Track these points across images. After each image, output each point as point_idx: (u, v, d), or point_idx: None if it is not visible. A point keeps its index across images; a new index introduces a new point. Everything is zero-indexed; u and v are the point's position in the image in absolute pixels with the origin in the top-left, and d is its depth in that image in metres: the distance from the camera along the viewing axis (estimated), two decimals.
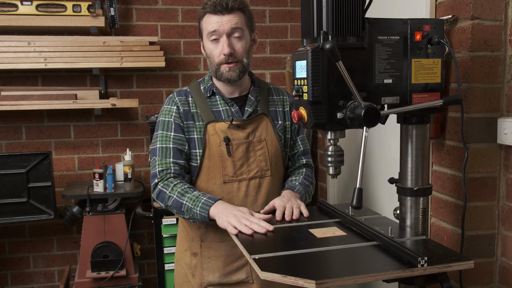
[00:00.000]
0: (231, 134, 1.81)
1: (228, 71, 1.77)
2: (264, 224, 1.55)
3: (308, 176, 1.95)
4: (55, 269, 3.43)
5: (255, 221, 1.56)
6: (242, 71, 1.80)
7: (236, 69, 1.77)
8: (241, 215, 1.59)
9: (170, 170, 1.78)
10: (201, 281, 1.86)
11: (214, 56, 1.78)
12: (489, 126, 1.70)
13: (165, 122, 1.83)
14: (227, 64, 1.76)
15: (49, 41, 3.01)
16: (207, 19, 1.77)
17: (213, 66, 1.80)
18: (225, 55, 1.74)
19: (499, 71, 1.70)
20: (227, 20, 1.74)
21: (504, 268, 1.72)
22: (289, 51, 3.60)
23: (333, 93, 1.37)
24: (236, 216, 1.59)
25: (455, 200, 1.76)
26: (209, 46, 1.79)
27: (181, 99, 1.84)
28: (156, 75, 3.44)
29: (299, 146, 1.97)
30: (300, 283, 1.17)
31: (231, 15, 1.74)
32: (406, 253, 1.28)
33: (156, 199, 1.80)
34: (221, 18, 1.74)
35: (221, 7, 1.73)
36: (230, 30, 1.74)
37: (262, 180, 1.83)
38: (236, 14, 1.75)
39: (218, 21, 1.74)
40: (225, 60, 1.76)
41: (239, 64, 1.78)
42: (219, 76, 1.80)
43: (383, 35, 1.42)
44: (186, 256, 1.91)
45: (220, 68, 1.78)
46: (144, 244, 3.50)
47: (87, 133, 3.38)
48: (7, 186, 2.84)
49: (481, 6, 1.66)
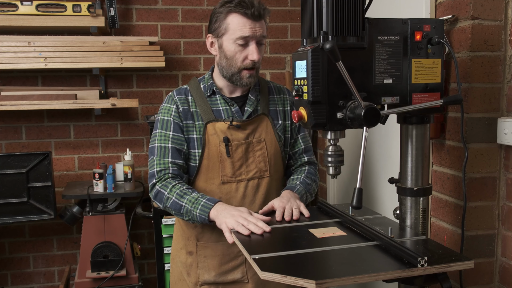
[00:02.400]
0: (231, 134, 1.80)
1: (248, 77, 1.76)
2: (261, 225, 1.55)
3: (311, 174, 1.94)
4: (55, 269, 3.43)
5: (253, 220, 1.56)
6: (257, 77, 1.83)
7: (255, 75, 1.79)
8: (239, 215, 1.59)
9: (168, 170, 1.78)
10: (196, 279, 1.86)
11: (237, 59, 1.74)
12: (489, 126, 1.70)
13: (164, 121, 1.82)
14: (249, 70, 1.75)
15: (49, 41, 3.01)
16: (237, 20, 1.70)
17: (233, 69, 1.76)
18: (253, 60, 1.73)
19: (499, 71, 1.70)
20: (259, 27, 1.72)
21: (504, 268, 1.72)
22: (289, 51, 3.60)
23: (333, 93, 1.37)
24: (234, 216, 1.59)
25: (455, 200, 1.76)
26: (232, 48, 1.73)
27: (181, 98, 1.83)
28: (156, 75, 3.44)
29: (300, 144, 1.96)
30: (300, 283, 1.17)
31: (261, 22, 1.74)
32: (406, 253, 1.28)
33: (154, 199, 1.79)
34: (254, 24, 1.71)
35: (256, 12, 1.70)
36: (260, 38, 1.74)
37: (261, 181, 1.83)
38: (263, 22, 1.75)
39: (252, 27, 1.71)
40: (250, 66, 1.75)
41: (256, 70, 1.79)
42: (237, 81, 1.78)
43: (383, 35, 1.42)
44: (182, 255, 1.91)
45: (241, 73, 1.76)
46: (144, 244, 3.50)
47: (87, 133, 3.38)
48: (7, 186, 2.84)
49: (481, 6, 1.66)
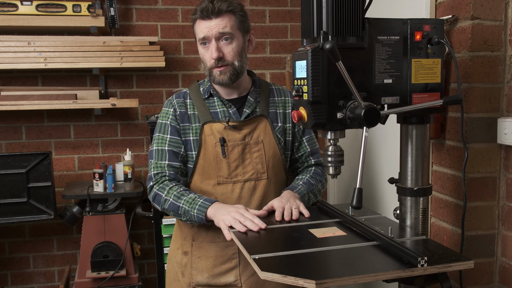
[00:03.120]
0: (227, 135, 1.80)
1: (219, 74, 1.77)
2: (257, 221, 1.57)
3: (317, 174, 1.93)
4: (55, 269, 3.43)
5: (249, 217, 1.59)
6: (234, 74, 1.79)
7: (226, 72, 1.77)
8: (235, 211, 1.62)
9: (165, 173, 1.80)
10: (190, 280, 1.86)
11: (205, 60, 1.80)
12: (489, 126, 1.70)
13: (162, 125, 1.85)
14: (217, 68, 1.77)
15: (49, 41, 3.01)
16: (197, 25, 1.78)
17: (207, 70, 1.82)
18: (213, 59, 1.75)
19: (499, 71, 1.69)
20: (215, 25, 1.73)
21: (504, 268, 1.72)
22: (289, 51, 3.60)
23: (333, 93, 1.37)
24: (230, 213, 1.61)
25: (455, 200, 1.76)
26: (201, 51, 1.81)
27: (179, 101, 1.86)
28: (156, 75, 3.44)
29: (306, 147, 1.95)
30: (300, 283, 1.17)
31: (219, 19, 1.73)
32: (406, 253, 1.28)
33: (152, 201, 1.83)
34: (209, 23, 1.74)
35: (209, 11, 1.72)
36: (218, 34, 1.74)
37: (258, 182, 1.83)
38: (224, 18, 1.74)
39: (207, 26, 1.74)
40: (215, 64, 1.76)
41: (230, 67, 1.77)
42: (213, 80, 1.81)
43: (383, 35, 1.42)
44: (178, 255, 1.91)
45: (212, 72, 1.79)
46: (144, 244, 3.50)
47: (87, 133, 3.38)
48: (7, 186, 2.84)
49: (481, 6, 1.66)
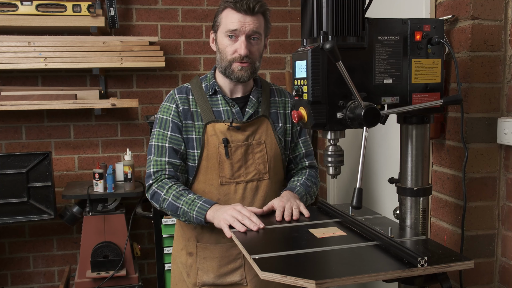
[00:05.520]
0: (231, 135, 1.80)
1: (240, 69, 1.74)
2: (255, 220, 1.57)
3: (312, 177, 1.94)
4: (55, 269, 3.43)
5: (246, 214, 1.59)
6: (253, 73, 1.78)
7: (248, 69, 1.75)
8: (232, 208, 1.62)
9: (165, 171, 1.78)
10: (195, 280, 1.86)
11: (227, 52, 1.74)
12: (489, 126, 1.70)
13: (163, 120, 1.82)
14: (240, 63, 1.73)
15: (49, 41, 3.01)
16: (228, 15, 1.72)
17: (224, 62, 1.76)
18: (240, 55, 1.72)
19: (499, 71, 1.69)
20: (250, 22, 1.71)
21: (504, 268, 1.72)
22: (289, 51, 3.60)
23: (333, 93, 1.37)
24: (228, 212, 1.62)
25: (455, 200, 1.76)
26: (224, 41, 1.74)
27: (181, 97, 1.82)
28: (156, 75, 3.44)
29: (301, 148, 1.95)
30: (300, 283, 1.17)
31: (254, 17, 1.71)
32: (406, 253, 1.28)
33: (150, 199, 1.81)
34: (244, 18, 1.70)
35: (246, 7, 1.69)
36: (250, 32, 1.72)
37: (260, 183, 1.83)
38: (258, 17, 1.73)
39: (241, 21, 1.70)
40: (239, 59, 1.73)
41: (252, 65, 1.76)
42: (229, 74, 1.76)
43: (383, 35, 1.42)
44: (182, 255, 1.91)
45: (231, 66, 1.75)
46: (144, 244, 3.50)
47: (87, 133, 3.38)
48: (7, 186, 2.84)
49: (481, 6, 1.66)
